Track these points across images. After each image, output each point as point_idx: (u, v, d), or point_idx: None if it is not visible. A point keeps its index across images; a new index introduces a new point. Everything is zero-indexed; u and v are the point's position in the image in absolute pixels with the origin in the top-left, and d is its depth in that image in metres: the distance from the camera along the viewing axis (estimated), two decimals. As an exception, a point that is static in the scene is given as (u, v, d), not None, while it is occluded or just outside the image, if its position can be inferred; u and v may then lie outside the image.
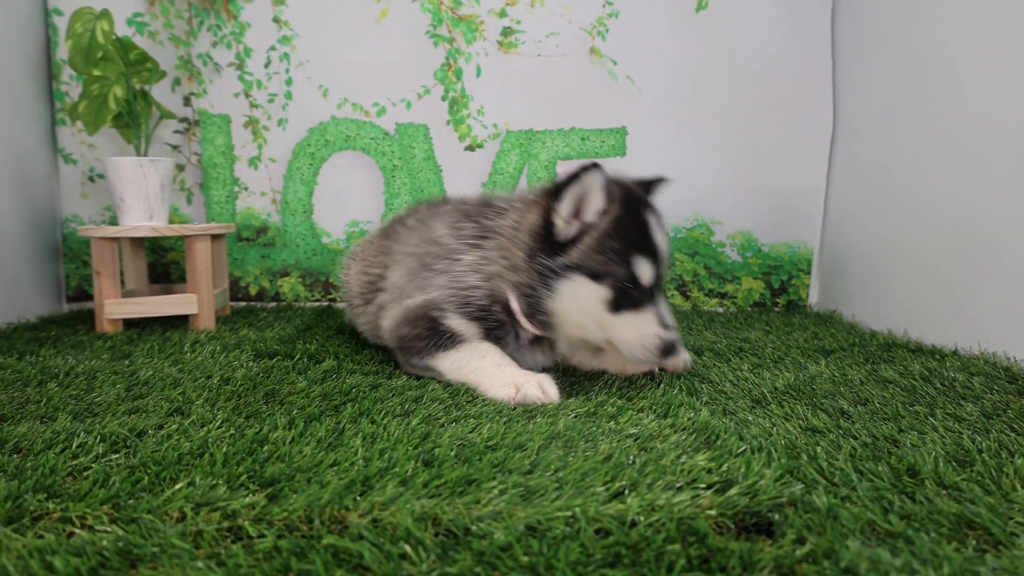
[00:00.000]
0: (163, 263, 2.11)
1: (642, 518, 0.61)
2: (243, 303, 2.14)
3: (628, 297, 1.03)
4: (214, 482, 0.68)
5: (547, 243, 1.07)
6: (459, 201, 1.35)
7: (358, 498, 0.65)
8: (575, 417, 0.94)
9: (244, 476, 0.70)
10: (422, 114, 2.11)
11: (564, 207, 1.05)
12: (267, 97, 2.10)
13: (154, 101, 1.87)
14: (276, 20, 2.07)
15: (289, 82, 2.09)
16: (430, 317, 1.15)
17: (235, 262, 2.13)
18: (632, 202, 1.08)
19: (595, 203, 1.05)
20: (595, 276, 1.03)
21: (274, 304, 2.14)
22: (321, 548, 0.57)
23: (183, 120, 2.09)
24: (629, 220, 1.05)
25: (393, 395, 1.06)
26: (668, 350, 1.03)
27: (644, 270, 1.04)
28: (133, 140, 1.83)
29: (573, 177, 1.03)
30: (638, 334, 1.03)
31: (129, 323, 1.73)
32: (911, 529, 0.61)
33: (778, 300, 2.18)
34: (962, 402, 1.06)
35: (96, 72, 1.72)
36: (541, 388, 1.00)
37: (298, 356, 1.32)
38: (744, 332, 1.73)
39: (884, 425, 0.94)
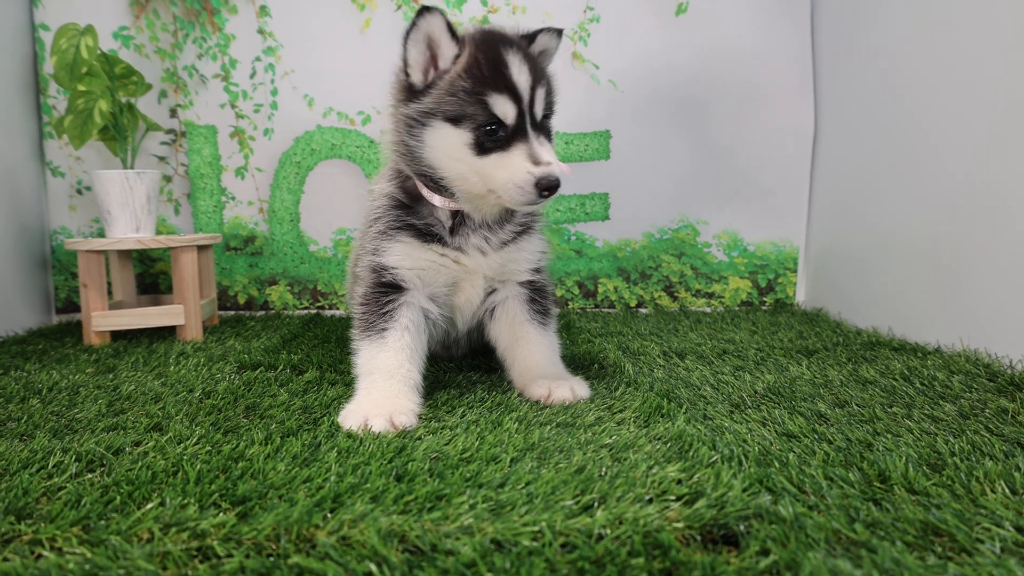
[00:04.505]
0: (151, 273, 2.12)
1: (608, 531, 0.61)
2: (232, 312, 2.14)
3: (492, 138, 0.99)
4: (185, 501, 0.68)
5: (408, 92, 1.05)
6: None
7: (328, 515, 0.66)
8: (552, 427, 0.95)
9: (216, 495, 0.70)
10: (408, 121, 2.12)
11: (410, 54, 1.03)
12: (253, 107, 2.10)
13: (140, 114, 1.87)
14: (261, 31, 2.08)
15: (274, 92, 2.09)
16: (372, 264, 1.13)
17: (223, 271, 2.14)
18: (489, 42, 1.03)
19: (445, 48, 1.02)
20: (453, 120, 1.00)
21: (262, 313, 2.14)
22: (286, 568, 0.57)
23: (170, 132, 2.09)
24: (483, 59, 1.00)
25: (374, 406, 1.06)
26: (546, 186, 0.97)
27: (503, 108, 0.99)
28: (119, 153, 1.83)
29: (411, 24, 1.01)
30: (509, 174, 0.99)
31: (117, 335, 1.73)
32: (876, 538, 0.61)
33: (765, 299, 2.19)
34: (940, 402, 1.07)
35: (81, 87, 1.72)
36: (391, 421, 0.94)
37: (281, 367, 1.33)
38: (730, 333, 1.73)
39: (860, 428, 0.94)
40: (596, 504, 0.67)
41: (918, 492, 0.70)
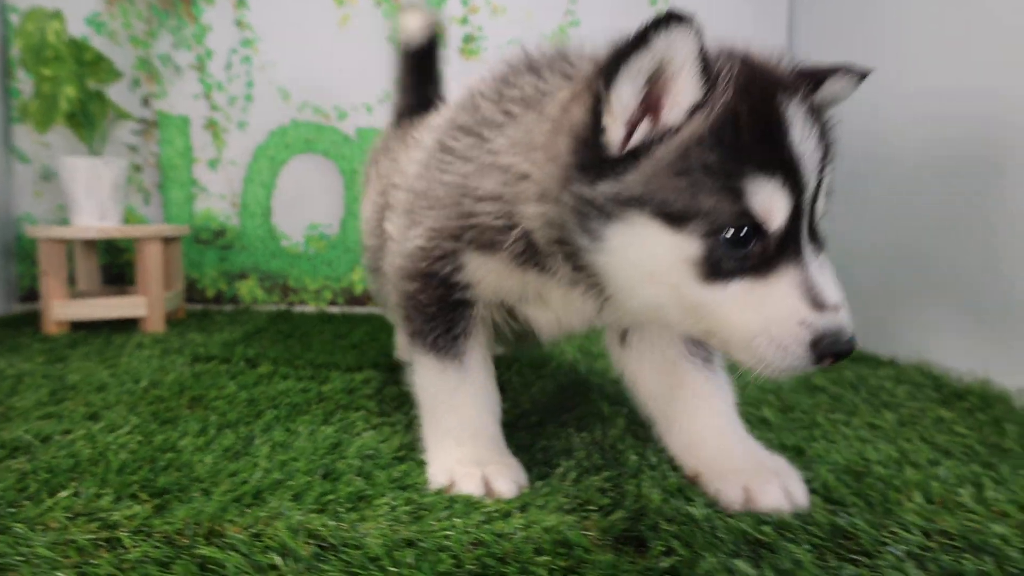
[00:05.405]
0: (118, 264, 2.10)
1: (521, 534, 0.62)
2: (200, 306, 2.12)
3: (740, 253, 0.57)
4: (102, 491, 0.68)
5: (594, 157, 0.61)
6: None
7: (247, 510, 0.65)
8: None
9: (136, 485, 0.70)
10: (383, 119, 2.11)
11: (621, 96, 0.58)
12: (228, 99, 2.09)
13: (110, 102, 1.86)
14: (238, 23, 2.07)
15: (250, 84, 2.08)
16: (428, 272, 0.75)
17: (192, 264, 2.12)
18: (757, 85, 0.60)
19: (684, 89, 0.58)
20: (672, 217, 0.58)
21: (231, 307, 2.12)
22: (189, 558, 0.57)
23: (141, 121, 2.08)
24: (746, 113, 0.58)
25: (320, 400, 1.06)
26: (828, 348, 0.56)
27: (770, 202, 0.57)
28: (87, 140, 1.81)
29: (637, 40, 0.57)
30: (762, 319, 0.57)
31: (79, 325, 1.71)
32: (783, 540, 0.62)
33: (736, 307, 2.20)
34: (883, 410, 1.08)
35: (47, 72, 1.70)
36: (485, 483, 0.71)
37: (236, 360, 1.32)
38: (694, 339, 1.74)
39: (798, 434, 0.95)
40: (517, 511, 0.67)
41: (835, 502, 0.71)
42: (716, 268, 0.58)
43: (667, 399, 0.80)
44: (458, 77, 2.11)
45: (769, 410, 1.08)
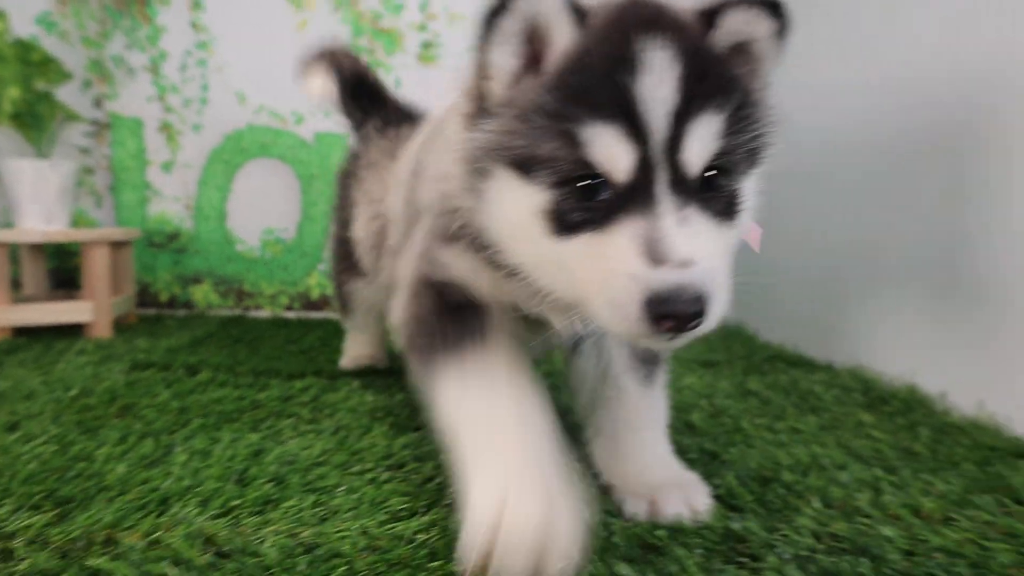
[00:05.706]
0: (67, 268, 2.05)
1: (420, 537, 0.63)
2: (153, 310, 2.09)
3: (586, 206, 0.54)
4: (0, 502, 0.67)
5: (478, 113, 0.60)
6: None
7: (148, 517, 0.65)
8: (423, 432, 0.96)
9: (40, 495, 0.69)
10: (341, 123, 2.11)
11: (494, 58, 0.57)
12: (182, 102, 2.06)
13: (59, 103, 1.82)
14: (194, 25, 2.05)
15: (205, 87, 2.07)
16: (427, 278, 0.70)
17: (146, 268, 2.09)
18: (620, 22, 0.56)
19: (560, 41, 0.56)
20: (521, 166, 0.56)
21: (184, 312, 2.09)
22: (79, 569, 0.56)
23: (93, 123, 2.04)
24: (594, 53, 0.55)
25: (254, 408, 1.06)
26: (662, 307, 0.51)
27: (608, 149, 0.53)
28: (35, 142, 1.78)
29: (499, 5, 0.56)
30: (598, 275, 0.54)
31: (23, 331, 1.67)
32: (675, 544, 0.64)
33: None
34: (809, 414, 1.12)
35: (-11, 72, 1.67)
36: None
37: (176, 367, 1.30)
38: (645, 345, 1.77)
39: (721, 439, 0.98)
40: (422, 508, 0.68)
41: (736, 508, 0.74)
42: (564, 221, 0.55)
43: (603, 409, 0.81)
44: (416, 84, 2.13)
45: (698, 415, 1.10)
